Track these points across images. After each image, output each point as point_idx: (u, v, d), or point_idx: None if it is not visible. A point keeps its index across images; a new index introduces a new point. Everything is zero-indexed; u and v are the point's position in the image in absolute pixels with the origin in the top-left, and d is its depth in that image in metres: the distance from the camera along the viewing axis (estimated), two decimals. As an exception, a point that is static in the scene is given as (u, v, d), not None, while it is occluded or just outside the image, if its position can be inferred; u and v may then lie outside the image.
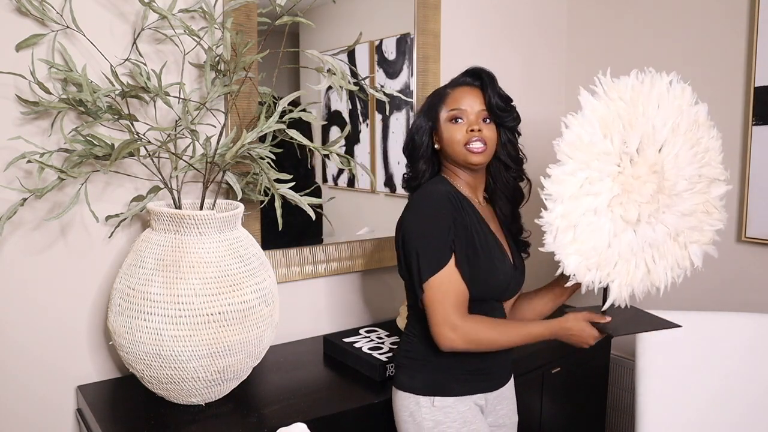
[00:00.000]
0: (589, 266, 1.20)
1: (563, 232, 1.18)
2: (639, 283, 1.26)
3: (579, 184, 1.17)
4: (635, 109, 1.20)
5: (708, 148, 1.29)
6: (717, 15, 1.99)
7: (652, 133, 1.21)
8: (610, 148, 1.18)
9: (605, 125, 1.19)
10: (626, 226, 1.21)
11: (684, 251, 1.30)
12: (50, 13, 1.33)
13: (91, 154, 1.28)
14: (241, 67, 1.41)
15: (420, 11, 1.97)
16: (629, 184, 1.19)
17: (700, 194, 1.28)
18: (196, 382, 1.30)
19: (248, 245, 1.38)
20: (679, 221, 1.26)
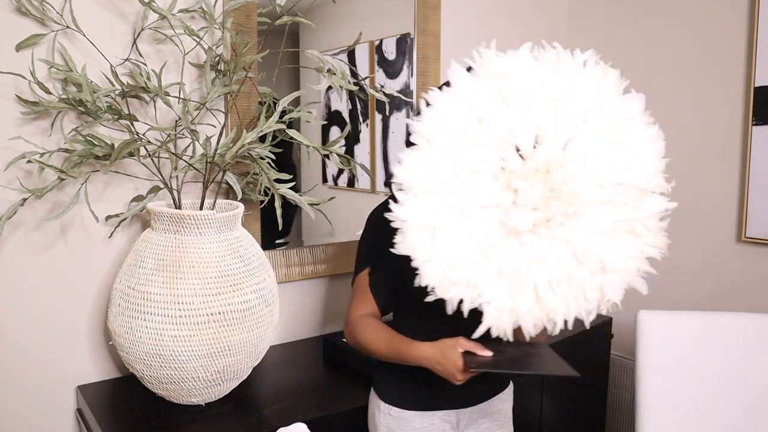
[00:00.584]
0: (454, 280, 0.95)
1: (417, 231, 0.95)
2: (526, 312, 0.97)
3: (442, 174, 0.94)
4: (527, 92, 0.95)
5: (639, 151, 1.00)
6: (717, 15, 1.99)
7: (551, 123, 0.95)
8: (487, 135, 0.94)
9: (482, 107, 0.95)
10: (507, 235, 0.95)
11: (594, 279, 0.98)
12: (50, 13, 1.33)
13: (91, 154, 1.28)
14: (241, 67, 1.41)
15: (420, 11, 1.97)
16: (513, 182, 0.95)
17: (624, 209, 0.99)
18: (196, 382, 1.30)
19: (248, 245, 1.38)
20: (589, 240, 0.97)
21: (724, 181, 2.00)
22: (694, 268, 2.10)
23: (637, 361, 1.64)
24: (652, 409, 1.61)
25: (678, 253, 2.15)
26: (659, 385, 1.62)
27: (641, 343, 1.65)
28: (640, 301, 2.24)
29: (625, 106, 1.01)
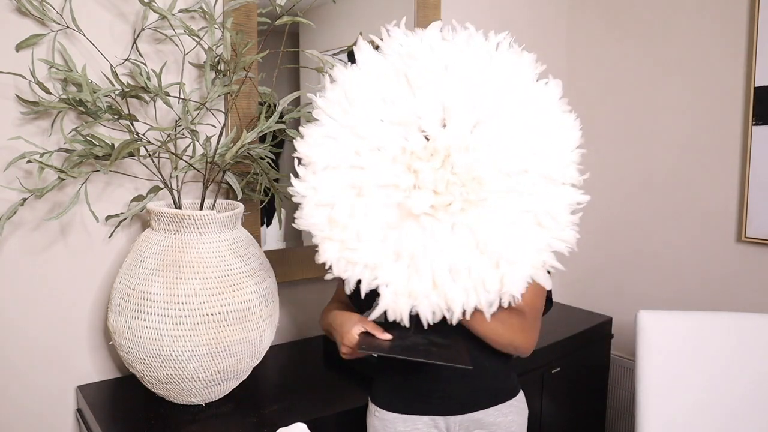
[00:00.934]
0: (351, 260, 0.94)
1: (315, 208, 0.94)
2: (424, 297, 0.94)
3: (342, 152, 0.92)
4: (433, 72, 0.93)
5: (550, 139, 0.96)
6: (717, 15, 1.99)
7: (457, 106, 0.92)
8: (390, 115, 0.92)
9: (387, 86, 0.93)
10: (406, 218, 0.92)
11: (496, 270, 0.95)
12: (50, 13, 1.33)
13: (91, 154, 1.28)
14: (241, 67, 1.41)
15: (420, 11, 1.97)
16: (413, 164, 0.91)
17: (531, 198, 0.96)
18: (196, 382, 1.30)
19: (248, 245, 1.38)
20: (492, 229, 0.94)
21: (724, 181, 2.00)
22: (694, 268, 2.10)
23: (637, 361, 1.64)
24: (652, 409, 1.61)
25: (678, 253, 2.15)
26: (659, 385, 1.62)
27: (641, 343, 1.65)
28: (640, 301, 2.24)
29: (539, 91, 0.97)
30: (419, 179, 0.91)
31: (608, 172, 2.33)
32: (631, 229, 2.29)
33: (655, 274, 2.23)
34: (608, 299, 2.34)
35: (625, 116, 2.28)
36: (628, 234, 2.30)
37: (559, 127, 0.97)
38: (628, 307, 2.26)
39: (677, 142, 2.13)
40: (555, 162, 0.96)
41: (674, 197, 2.15)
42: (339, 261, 0.95)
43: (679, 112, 2.12)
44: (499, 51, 0.97)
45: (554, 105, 0.98)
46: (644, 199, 2.24)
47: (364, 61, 0.94)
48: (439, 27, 0.96)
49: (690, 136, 2.09)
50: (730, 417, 1.60)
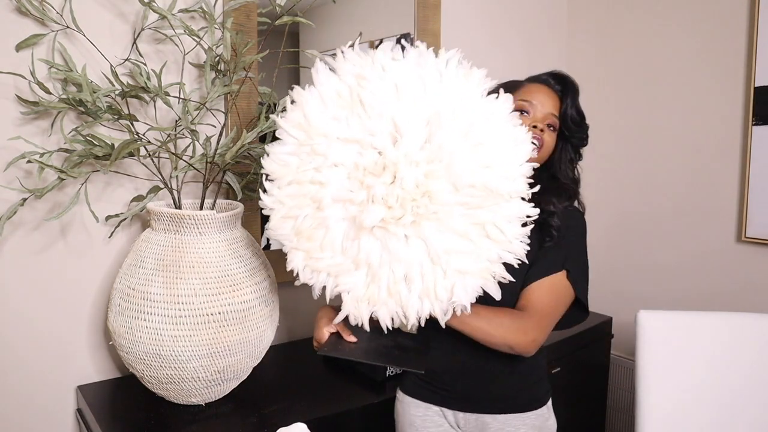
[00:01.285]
0: (315, 268, 1.01)
1: (281, 220, 1.01)
2: (382, 304, 1.00)
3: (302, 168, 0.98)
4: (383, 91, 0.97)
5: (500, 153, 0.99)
6: (717, 15, 1.99)
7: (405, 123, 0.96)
8: (345, 133, 0.97)
9: (341, 105, 0.98)
10: (360, 230, 0.98)
11: (447, 280, 1.00)
12: (50, 13, 1.33)
13: (91, 154, 1.28)
14: (241, 67, 1.41)
15: (420, 11, 1.97)
16: (366, 180, 0.96)
17: (480, 211, 0.99)
18: (196, 382, 1.30)
19: (248, 245, 1.38)
20: (444, 240, 0.99)
21: (724, 181, 2.00)
22: (694, 268, 2.10)
23: (637, 361, 1.64)
24: (652, 409, 1.61)
25: (678, 253, 2.15)
26: (659, 385, 1.62)
27: (641, 343, 1.65)
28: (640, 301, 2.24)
29: (489, 106, 1.00)
30: (371, 194, 0.96)
31: (608, 172, 2.33)
32: (631, 229, 2.29)
33: (655, 274, 2.23)
34: (608, 299, 2.34)
35: (625, 116, 2.28)
36: (628, 234, 2.30)
37: (508, 141, 1.00)
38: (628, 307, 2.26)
39: (677, 142, 2.13)
40: (502, 175, 0.99)
41: (674, 197, 2.15)
42: (305, 269, 1.02)
43: (679, 112, 2.11)
44: (449, 68, 1.00)
45: (504, 119, 1.01)
46: (644, 199, 2.24)
47: (321, 82, 1.00)
48: (390, 47, 1.01)
49: (690, 136, 2.09)
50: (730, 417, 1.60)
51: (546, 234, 1.19)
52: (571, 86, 1.25)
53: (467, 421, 1.25)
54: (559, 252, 1.19)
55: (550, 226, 1.19)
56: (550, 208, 1.19)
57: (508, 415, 1.22)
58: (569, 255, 1.21)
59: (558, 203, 1.20)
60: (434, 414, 1.27)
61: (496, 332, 1.12)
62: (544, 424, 1.26)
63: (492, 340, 1.13)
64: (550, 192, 1.21)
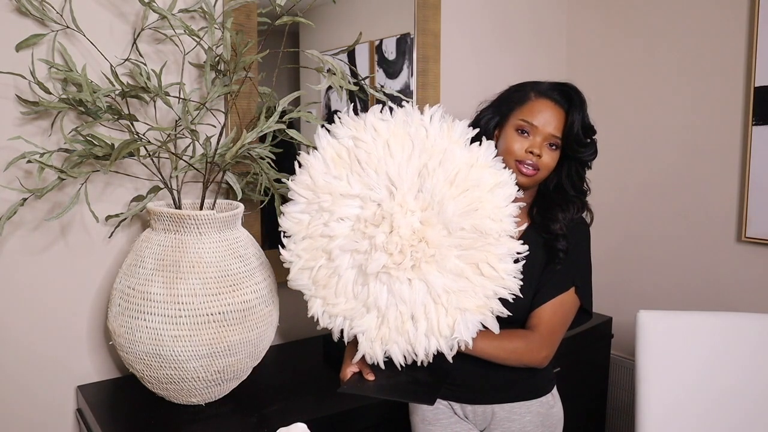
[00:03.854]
0: (332, 313, 1.11)
1: (299, 272, 1.11)
2: (393, 343, 1.09)
3: (313, 224, 1.09)
4: (376, 150, 1.08)
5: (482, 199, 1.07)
6: (717, 15, 1.99)
7: (397, 177, 1.07)
8: (348, 190, 1.08)
9: (342, 165, 1.10)
10: (367, 276, 1.07)
11: (449, 317, 1.08)
12: (50, 13, 1.33)
13: (91, 154, 1.28)
14: (241, 67, 1.41)
15: (420, 11, 1.97)
16: (367, 231, 1.06)
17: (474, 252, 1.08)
18: (196, 382, 1.30)
19: (248, 245, 1.38)
20: (443, 281, 1.07)
21: (724, 181, 2.00)
22: (694, 268, 2.10)
23: (637, 361, 1.64)
24: (652, 409, 1.61)
25: (678, 253, 2.15)
26: (659, 385, 1.62)
27: (641, 343, 1.65)
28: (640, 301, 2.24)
29: (471, 155, 1.10)
30: (373, 243, 1.05)
31: (608, 172, 2.33)
32: (631, 229, 2.29)
33: (655, 274, 2.23)
34: (608, 299, 2.34)
35: (625, 116, 2.28)
36: (629, 234, 2.30)
37: (492, 185, 1.09)
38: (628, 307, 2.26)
39: (677, 142, 2.13)
40: (490, 217, 1.07)
41: (674, 197, 2.15)
42: (323, 315, 1.12)
43: (680, 112, 2.11)
44: (432, 123, 1.11)
45: (486, 164, 1.10)
46: (644, 199, 2.24)
47: (323, 146, 1.12)
48: (378, 109, 1.13)
49: (690, 136, 2.09)
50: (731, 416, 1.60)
51: (553, 257, 1.23)
52: (578, 101, 1.21)
53: (476, 413, 1.28)
54: (568, 271, 1.24)
55: (557, 250, 1.22)
56: (557, 228, 1.22)
57: (514, 404, 1.26)
58: (577, 272, 1.26)
59: (564, 218, 1.23)
60: (446, 408, 1.30)
61: (511, 357, 1.19)
62: (549, 411, 1.30)
63: (508, 363, 1.20)
64: (556, 206, 1.24)
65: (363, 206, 1.08)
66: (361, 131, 1.11)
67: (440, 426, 1.30)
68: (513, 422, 1.26)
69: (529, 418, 1.27)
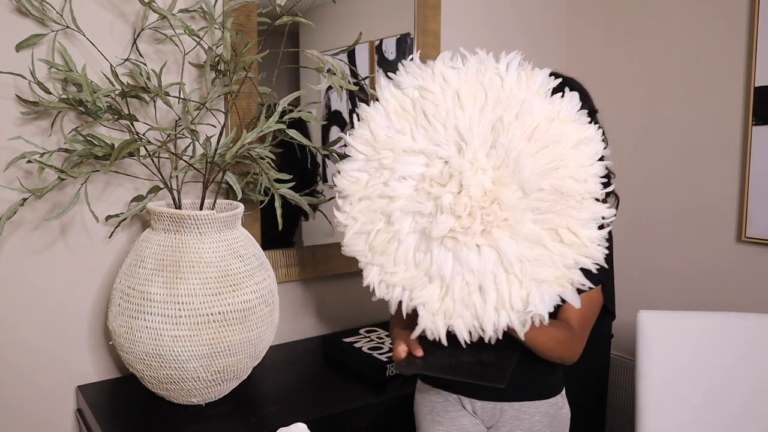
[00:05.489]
0: (390, 283, 1.00)
1: (355, 236, 1.01)
2: (458, 317, 0.98)
3: (371, 183, 0.99)
4: (445, 101, 0.98)
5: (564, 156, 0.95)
6: (717, 15, 1.99)
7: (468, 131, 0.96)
8: (411, 145, 0.97)
9: (406, 119, 0.99)
10: (431, 241, 0.97)
11: (522, 289, 0.97)
12: (50, 13, 1.33)
13: (91, 154, 1.28)
14: (241, 67, 1.41)
15: (420, 11, 1.97)
16: (433, 191, 0.95)
17: (552, 215, 0.96)
18: (196, 382, 1.30)
19: (248, 245, 1.38)
20: (516, 249, 0.96)
21: (724, 181, 2.00)
22: (695, 268, 2.10)
23: (637, 361, 1.64)
24: (652, 409, 1.61)
25: (678, 253, 2.15)
26: (659, 385, 1.62)
27: (641, 343, 1.64)
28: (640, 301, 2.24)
29: (552, 107, 0.98)
30: (439, 204, 0.95)
31: (608, 172, 2.33)
32: (631, 228, 2.29)
33: (655, 274, 2.22)
34: (608, 299, 2.34)
35: (624, 116, 2.27)
36: (629, 234, 2.30)
37: (577, 140, 0.97)
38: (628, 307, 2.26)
39: (677, 142, 2.13)
40: (572, 177, 0.95)
41: (674, 197, 2.15)
42: (380, 284, 1.01)
43: (680, 112, 2.11)
44: (509, 72, 0.99)
45: (570, 118, 0.98)
46: (644, 198, 2.24)
47: (385, 97, 1.01)
48: (448, 56, 1.01)
49: (690, 136, 2.09)
50: (731, 417, 1.60)
51: None
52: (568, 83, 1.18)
53: (484, 409, 1.27)
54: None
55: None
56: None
57: (524, 403, 1.25)
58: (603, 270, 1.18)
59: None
60: (455, 402, 1.29)
61: (557, 348, 1.14)
62: (558, 412, 1.29)
63: (551, 354, 1.15)
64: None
65: (428, 164, 0.97)
66: (428, 81, 1.00)
67: (448, 418, 1.29)
68: (522, 421, 1.25)
69: (537, 418, 1.25)
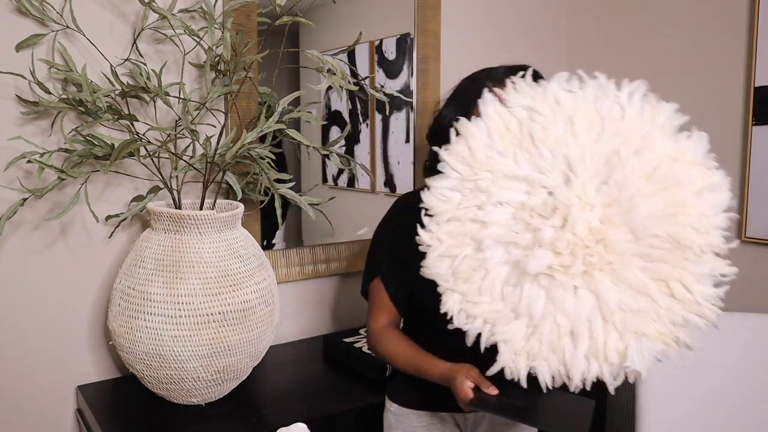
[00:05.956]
0: (471, 313, 0.92)
1: (438, 258, 0.93)
2: (542, 360, 0.90)
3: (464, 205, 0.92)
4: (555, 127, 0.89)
5: (686, 202, 0.86)
6: (717, 15, 1.99)
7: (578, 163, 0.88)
8: (513, 170, 0.90)
9: (510, 140, 0.91)
10: (523, 277, 0.89)
11: (620, 341, 0.89)
12: (50, 13, 1.33)
13: (91, 154, 1.28)
14: (241, 67, 1.41)
15: (420, 11, 1.97)
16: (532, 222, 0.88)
17: (664, 266, 0.88)
18: (196, 382, 1.30)
19: (248, 245, 1.38)
20: (619, 296, 0.87)
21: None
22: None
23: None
24: (653, 409, 1.61)
25: (678, 253, 2.15)
26: (659, 385, 1.62)
27: (641, 343, 1.64)
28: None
29: (678, 146, 0.89)
30: (538, 237, 0.87)
31: (608, 172, 2.33)
32: (631, 229, 2.29)
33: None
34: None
35: (625, 116, 2.27)
36: (628, 234, 2.30)
37: (701, 186, 0.88)
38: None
39: (677, 142, 2.13)
40: (692, 227, 0.87)
41: (674, 197, 2.14)
42: (460, 313, 0.94)
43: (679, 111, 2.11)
44: (632, 102, 0.91)
45: (697, 161, 0.89)
46: (644, 199, 2.24)
47: (489, 115, 0.93)
48: (565, 78, 0.93)
49: (690, 136, 2.09)
50: (731, 417, 1.60)
51: None
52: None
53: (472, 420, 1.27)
54: None
55: None
56: None
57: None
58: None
59: None
60: (439, 421, 1.27)
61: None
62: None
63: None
64: None
65: (530, 192, 0.89)
66: (539, 101, 0.91)
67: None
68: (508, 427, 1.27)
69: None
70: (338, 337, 1.72)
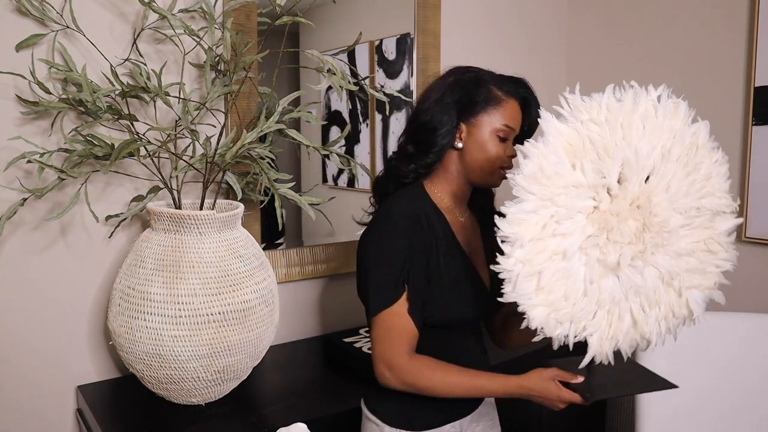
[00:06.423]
0: (559, 319, 1.01)
1: (525, 279, 0.99)
2: (624, 336, 1.06)
3: (542, 223, 0.99)
4: (612, 133, 1.02)
5: (709, 175, 1.08)
6: (717, 15, 1.99)
7: (636, 161, 1.01)
8: (581, 180, 0.99)
9: (574, 153, 1.01)
10: (605, 271, 1.02)
11: (681, 298, 1.09)
12: (50, 13, 1.33)
13: (91, 154, 1.28)
14: (241, 67, 1.41)
15: (420, 11, 1.97)
16: (607, 221, 1.00)
17: (701, 230, 1.08)
18: (196, 382, 1.30)
19: (248, 245, 1.38)
20: (673, 263, 1.06)
21: (724, 181, 2.00)
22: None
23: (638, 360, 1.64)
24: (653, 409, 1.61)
25: (678, 253, 2.15)
26: (659, 385, 1.62)
27: (641, 343, 1.64)
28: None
29: (693, 134, 1.09)
30: (613, 234, 1.00)
31: (608, 172, 2.33)
32: (631, 229, 2.29)
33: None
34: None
35: (625, 116, 2.27)
36: (628, 234, 2.30)
37: (712, 163, 1.09)
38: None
39: (677, 142, 2.13)
40: (716, 195, 1.08)
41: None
42: (548, 322, 1.01)
43: (679, 112, 2.11)
44: (661, 104, 1.07)
45: (705, 144, 1.11)
46: (644, 199, 2.24)
47: (552, 132, 1.01)
48: (612, 90, 1.06)
49: (690, 136, 2.09)
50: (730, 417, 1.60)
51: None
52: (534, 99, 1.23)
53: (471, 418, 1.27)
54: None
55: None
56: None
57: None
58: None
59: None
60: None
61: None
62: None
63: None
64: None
65: (597, 196, 1.01)
66: (594, 113, 1.04)
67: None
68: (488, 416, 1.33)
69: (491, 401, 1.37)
70: (338, 337, 1.72)
